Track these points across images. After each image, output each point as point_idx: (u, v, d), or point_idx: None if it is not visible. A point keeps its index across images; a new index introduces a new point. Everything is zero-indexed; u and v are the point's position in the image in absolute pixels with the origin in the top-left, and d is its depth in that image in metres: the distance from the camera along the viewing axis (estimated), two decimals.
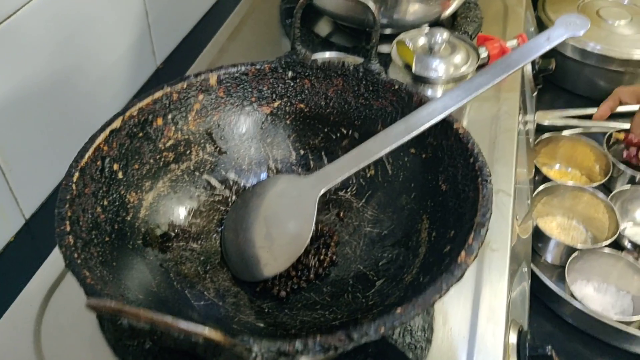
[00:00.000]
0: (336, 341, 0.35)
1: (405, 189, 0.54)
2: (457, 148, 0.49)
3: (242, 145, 0.59)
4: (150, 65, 0.90)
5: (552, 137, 0.96)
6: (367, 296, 0.48)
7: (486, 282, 0.58)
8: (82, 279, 0.38)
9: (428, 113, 0.51)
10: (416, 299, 0.37)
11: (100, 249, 0.44)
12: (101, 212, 0.47)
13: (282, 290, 0.51)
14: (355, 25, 0.87)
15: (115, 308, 0.30)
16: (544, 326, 0.75)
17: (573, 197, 0.86)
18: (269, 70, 0.58)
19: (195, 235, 0.54)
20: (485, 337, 0.53)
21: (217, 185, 0.58)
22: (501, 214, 0.65)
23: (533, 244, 0.81)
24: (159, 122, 0.54)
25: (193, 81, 0.55)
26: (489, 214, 0.42)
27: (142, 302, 0.44)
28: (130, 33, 0.82)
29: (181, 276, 0.50)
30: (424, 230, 0.50)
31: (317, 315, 0.48)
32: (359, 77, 0.57)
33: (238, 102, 0.58)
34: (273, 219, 0.53)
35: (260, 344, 0.33)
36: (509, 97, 0.81)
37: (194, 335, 0.31)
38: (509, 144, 0.73)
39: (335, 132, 0.59)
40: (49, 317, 0.53)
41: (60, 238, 0.41)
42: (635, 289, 0.77)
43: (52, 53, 0.67)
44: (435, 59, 0.67)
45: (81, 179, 0.46)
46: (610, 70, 1.05)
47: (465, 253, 0.40)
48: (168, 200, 0.54)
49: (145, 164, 0.53)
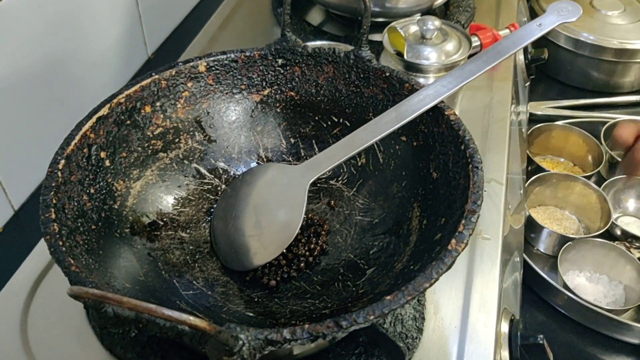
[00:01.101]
0: (324, 329, 0.34)
1: (397, 177, 0.54)
2: (448, 135, 0.49)
3: (231, 133, 0.58)
4: (141, 55, 0.89)
5: (545, 127, 0.96)
6: (358, 285, 0.48)
7: (478, 272, 0.57)
8: (67, 267, 0.37)
9: (419, 100, 0.50)
10: (406, 287, 0.36)
11: (86, 237, 0.44)
12: (87, 200, 0.46)
13: (272, 280, 0.50)
14: (347, 14, 0.86)
15: (98, 295, 0.30)
16: (536, 316, 0.75)
17: (565, 187, 0.86)
18: (258, 57, 0.57)
19: (184, 224, 0.54)
20: (476, 327, 0.52)
21: (206, 173, 0.57)
22: (493, 203, 0.64)
23: (525, 234, 0.80)
24: (147, 109, 0.53)
25: (182, 68, 0.55)
26: (480, 200, 0.42)
27: (129, 291, 0.43)
28: (121, 22, 0.81)
29: (169, 265, 0.49)
30: (414, 218, 0.50)
31: (307, 304, 0.48)
32: (349, 64, 0.56)
33: (227, 90, 0.58)
34: (263, 207, 0.53)
35: (247, 332, 0.33)
36: (502, 86, 0.81)
37: (179, 322, 0.31)
38: (502, 134, 0.73)
39: (326, 120, 0.59)
40: (36, 308, 0.53)
41: (44, 225, 0.40)
42: (627, 279, 0.77)
43: (40, 42, 0.66)
44: (427, 46, 0.67)
45: (67, 167, 0.45)
46: (603, 61, 1.04)
47: (456, 240, 0.39)
48: (156, 189, 0.54)
49: (133, 152, 0.52)
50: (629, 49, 1.03)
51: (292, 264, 0.52)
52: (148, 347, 0.47)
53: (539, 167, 0.90)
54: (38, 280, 0.55)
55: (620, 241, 0.81)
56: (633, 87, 1.08)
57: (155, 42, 0.92)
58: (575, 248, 0.78)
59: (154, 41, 0.91)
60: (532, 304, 0.76)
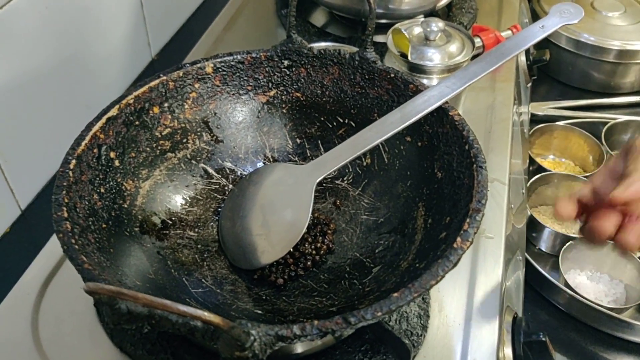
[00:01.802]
0: (333, 325, 0.35)
1: (401, 176, 0.55)
2: (452, 135, 0.50)
3: (238, 134, 0.59)
4: (145, 57, 0.90)
5: (546, 128, 0.97)
6: (364, 283, 0.49)
7: (481, 270, 0.58)
8: (80, 265, 0.38)
9: (424, 101, 0.51)
10: (412, 284, 0.37)
11: (97, 236, 0.44)
12: (98, 199, 0.47)
13: (280, 278, 0.51)
14: (351, 15, 0.87)
15: (114, 290, 0.30)
16: (539, 314, 0.75)
17: (567, 186, 0.87)
18: (265, 58, 0.58)
19: (192, 223, 0.55)
20: (480, 324, 0.53)
21: (213, 173, 0.58)
22: (496, 202, 0.65)
23: (527, 233, 0.81)
24: (155, 110, 0.54)
25: (189, 69, 0.55)
26: (484, 199, 0.43)
27: (140, 289, 0.44)
28: (126, 24, 0.82)
29: (179, 264, 0.50)
30: (419, 217, 0.51)
31: (314, 302, 0.49)
32: (354, 65, 0.57)
33: (234, 91, 0.58)
34: (270, 207, 0.53)
35: (258, 328, 0.34)
36: (504, 87, 0.81)
37: (193, 318, 0.31)
38: (504, 134, 0.74)
39: (332, 121, 0.59)
40: (46, 306, 0.53)
41: (57, 224, 0.41)
42: (627, 278, 0.77)
43: (46, 44, 0.67)
44: (431, 48, 0.67)
45: (78, 166, 0.46)
46: (604, 62, 1.05)
47: (461, 239, 0.40)
48: (165, 189, 0.54)
49: (142, 152, 0.53)
50: (630, 50, 1.03)
51: (299, 263, 0.52)
52: (158, 344, 0.48)
53: (541, 167, 0.91)
54: (48, 279, 0.55)
55: None
56: (633, 88, 1.09)
57: (159, 44, 0.92)
58: (576, 247, 0.79)
59: (158, 42, 0.92)
60: (534, 303, 0.76)
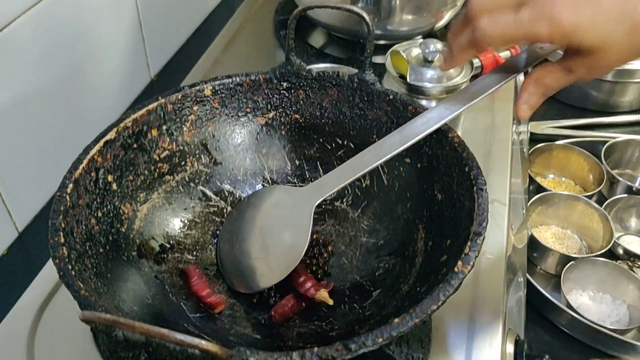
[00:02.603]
0: (334, 352, 0.34)
1: (401, 198, 0.54)
2: (452, 157, 0.49)
3: (237, 156, 0.59)
4: (144, 77, 0.90)
5: (546, 147, 0.97)
6: (364, 307, 0.48)
7: (482, 292, 0.57)
8: (76, 291, 0.38)
9: (423, 123, 0.51)
10: (414, 309, 0.37)
11: (94, 261, 0.44)
12: (95, 224, 0.47)
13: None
14: (350, 37, 0.87)
15: (110, 319, 0.30)
16: (541, 336, 0.74)
17: (567, 206, 0.86)
18: (263, 81, 0.58)
19: (190, 246, 0.54)
20: (482, 347, 0.52)
21: (212, 196, 0.57)
22: (496, 223, 0.65)
23: (528, 254, 0.81)
24: (153, 133, 0.54)
25: (188, 92, 0.55)
26: (485, 222, 0.42)
27: (137, 314, 0.43)
28: (124, 45, 0.82)
29: (177, 288, 0.50)
30: (420, 240, 0.50)
31: (313, 326, 0.48)
32: (353, 87, 0.57)
33: (233, 113, 0.58)
34: (268, 229, 0.53)
35: (257, 355, 0.33)
36: (503, 107, 0.81)
37: (191, 347, 0.31)
38: (504, 154, 0.74)
39: (331, 143, 0.59)
40: (42, 330, 0.53)
41: (53, 249, 0.40)
42: (630, 298, 0.77)
43: (45, 65, 0.67)
44: (430, 69, 0.68)
45: (75, 190, 0.45)
46: (602, 81, 1.05)
47: (462, 262, 0.40)
48: (163, 212, 0.54)
49: (140, 175, 0.53)
50: (628, 69, 1.03)
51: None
52: None
53: (541, 186, 0.90)
54: (45, 303, 0.55)
55: (623, 260, 0.81)
56: (632, 107, 1.09)
57: (158, 64, 0.93)
58: (578, 267, 0.78)
59: (157, 63, 0.92)
60: (536, 324, 0.76)
